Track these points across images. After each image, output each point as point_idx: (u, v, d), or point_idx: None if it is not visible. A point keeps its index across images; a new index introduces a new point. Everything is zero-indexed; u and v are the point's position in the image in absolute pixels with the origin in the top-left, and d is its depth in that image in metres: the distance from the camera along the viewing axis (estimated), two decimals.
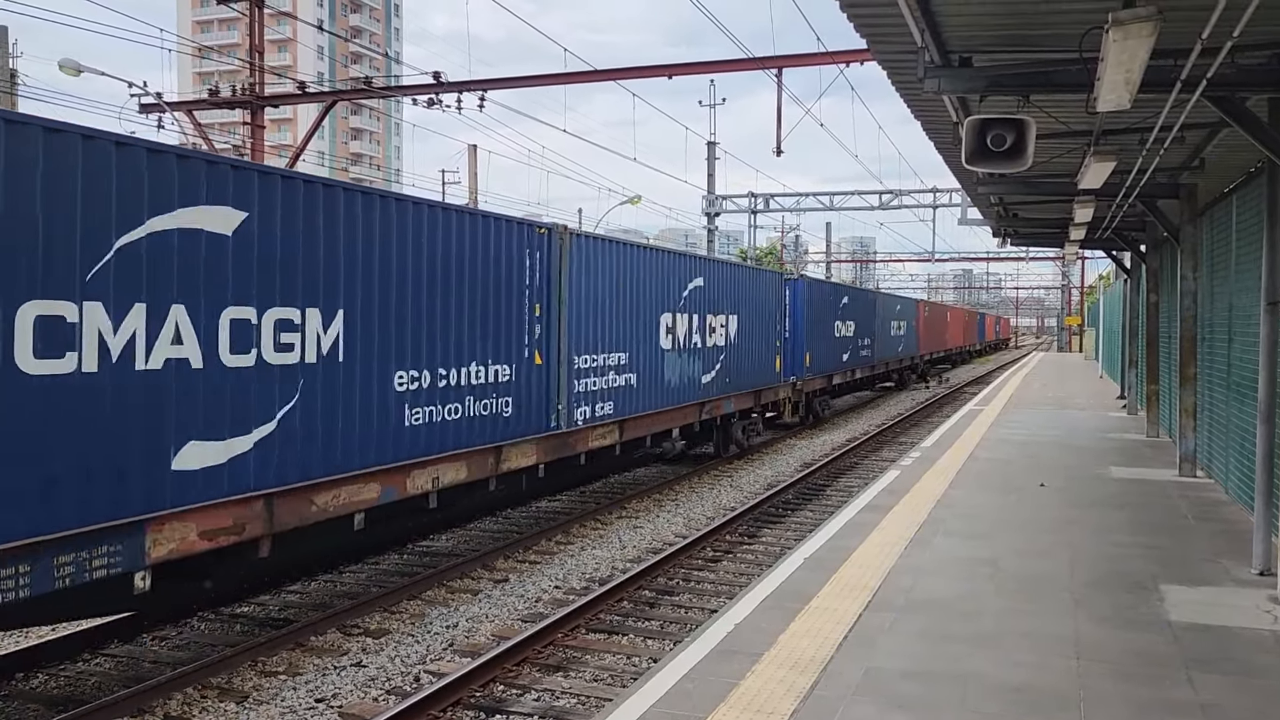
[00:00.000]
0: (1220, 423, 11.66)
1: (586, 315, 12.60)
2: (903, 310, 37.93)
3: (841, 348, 26.70)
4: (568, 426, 12.12)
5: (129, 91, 22.12)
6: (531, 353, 11.28)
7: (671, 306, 15.16)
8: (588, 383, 12.64)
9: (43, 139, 5.92)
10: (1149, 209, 14.01)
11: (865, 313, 29.63)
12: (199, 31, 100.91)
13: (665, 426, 15.13)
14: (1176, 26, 6.35)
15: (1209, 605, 7.13)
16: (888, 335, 33.76)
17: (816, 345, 23.80)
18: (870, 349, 30.34)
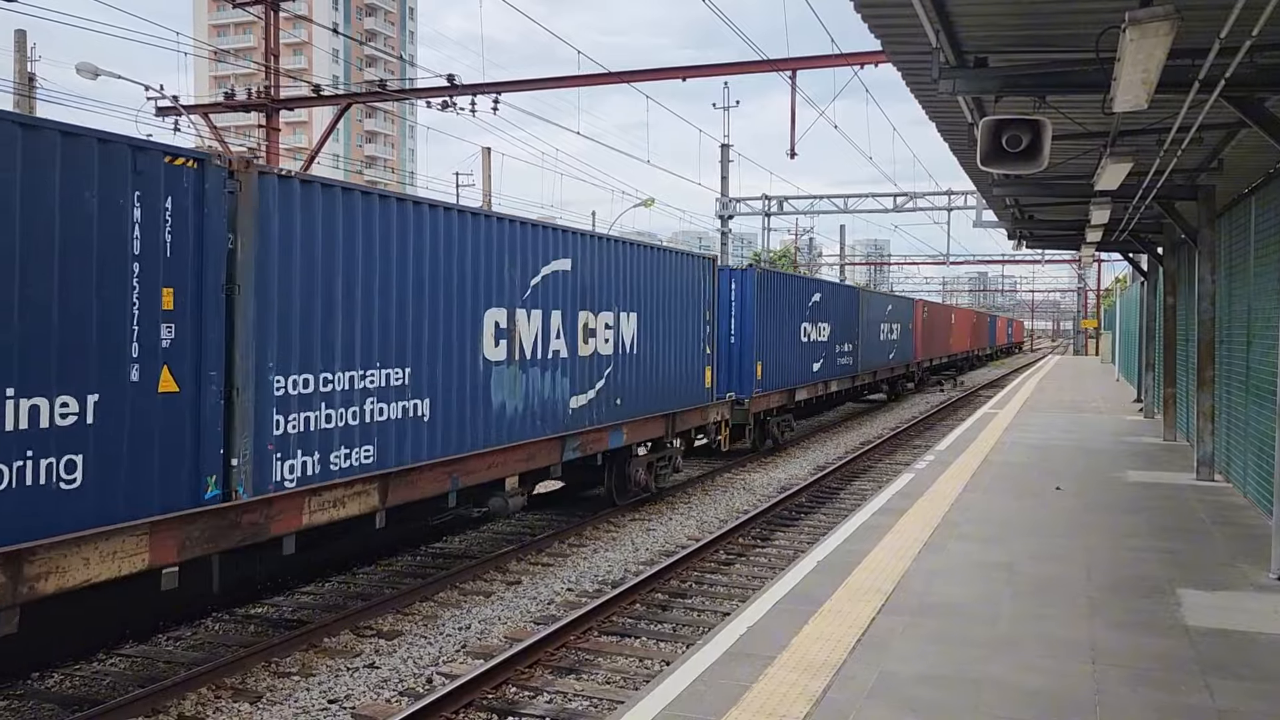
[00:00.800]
0: (1239, 426, 11.56)
1: (311, 309, 8.14)
2: (895, 311, 33.00)
3: (812, 355, 22.52)
4: (252, 494, 7.51)
5: (146, 94, 22.27)
6: (146, 372, 6.76)
7: (508, 300, 10.75)
8: (311, 418, 8.10)
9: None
10: (1166, 211, 13.91)
11: (845, 313, 25.69)
12: (215, 35, 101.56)
13: (492, 475, 10.51)
14: (1194, 26, 6.31)
15: (1227, 610, 7.06)
16: (875, 340, 29.54)
17: (774, 353, 19.73)
18: (852, 356, 26.46)
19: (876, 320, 29.77)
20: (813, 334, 22.65)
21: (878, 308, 30.45)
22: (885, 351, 31.01)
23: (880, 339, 30.27)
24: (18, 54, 22.26)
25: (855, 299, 27.36)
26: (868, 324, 28.35)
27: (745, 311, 18.54)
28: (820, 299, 23.44)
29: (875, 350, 29.48)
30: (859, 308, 27.36)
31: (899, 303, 34.32)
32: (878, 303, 30.95)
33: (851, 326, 26.39)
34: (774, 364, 19.75)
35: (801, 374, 21.79)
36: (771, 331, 19.59)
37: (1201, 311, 12.79)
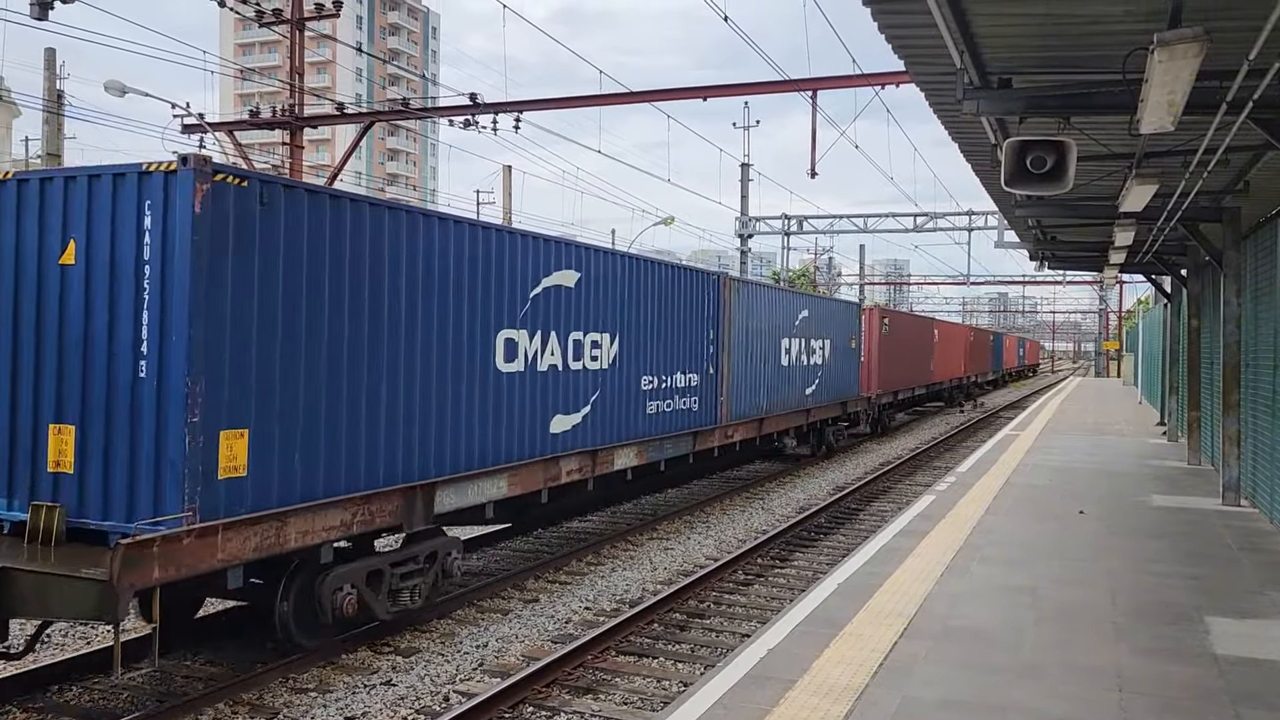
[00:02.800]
0: (1265, 451, 11.41)
1: None
2: (818, 320, 21.47)
3: (555, 398, 11.28)
4: None
5: (172, 112, 22.52)
6: None
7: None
8: None
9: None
10: (1191, 233, 13.80)
11: (672, 318, 14.32)
12: (241, 54, 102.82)
13: None
14: (1222, 48, 6.28)
15: (1256, 638, 6.94)
16: (770, 364, 18.43)
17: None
18: (699, 395, 15.22)
19: (771, 332, 18.51)
20: (576, 355, 11.70)
21: (773, 312, 18.67)
22: (797, 383, 20.02)
23: (784, 363, 19.26)
24: (47, 72, 22.57)
25: (706, 292, 15.51)
26: (747, 337, 17.25)
27: None
28: (585, 288, 11.87)
29: (771, 381, 18.48)
30: (717, 310, 15.88)
31: (825, 309, 22.44)
32: (773, 305, 18.71)
33: (695, 344, 15.04)
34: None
35: (529, 442, 10.70)
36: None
37: (1227, 334, 12.66)
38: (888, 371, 28.31)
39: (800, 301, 20.70)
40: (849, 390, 24.18)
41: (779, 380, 18.98)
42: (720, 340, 16.02)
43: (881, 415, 28.80)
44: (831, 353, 22.46)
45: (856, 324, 25.18)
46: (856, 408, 24.99)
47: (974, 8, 6.32)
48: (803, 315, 20.50)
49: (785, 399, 19.39)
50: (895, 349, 29.31)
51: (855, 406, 24.88)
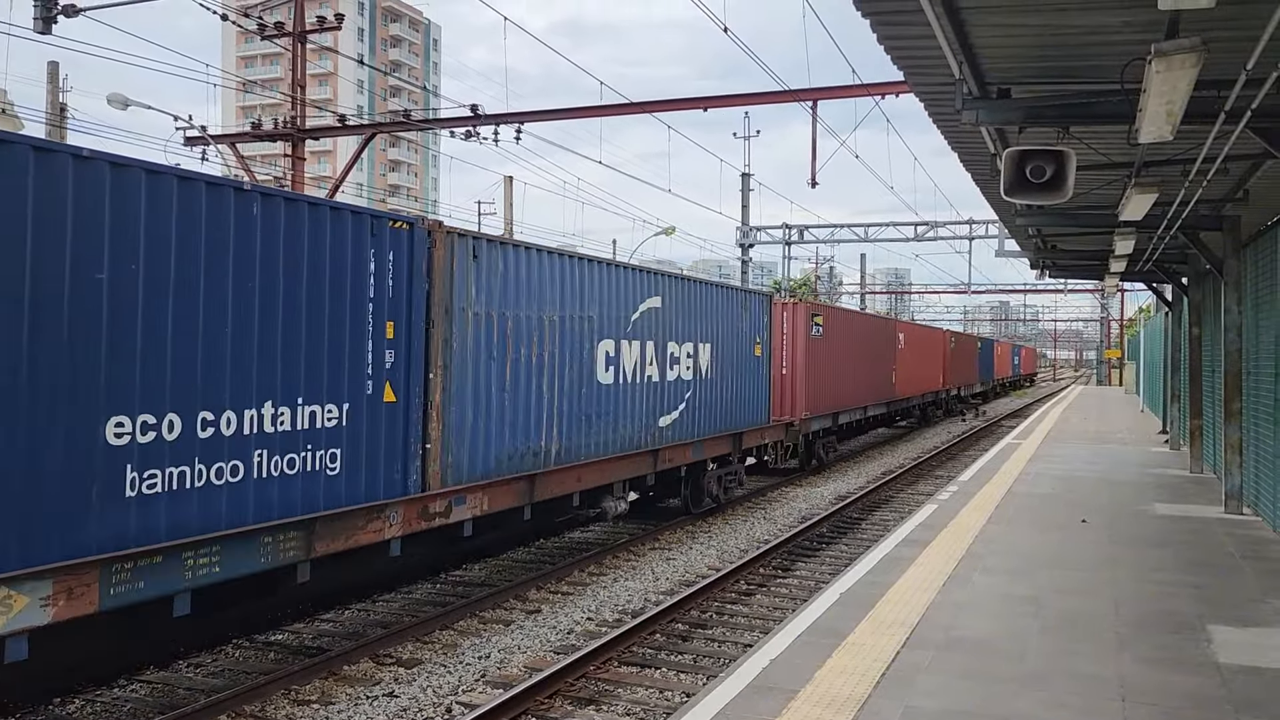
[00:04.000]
0: (1268, 459, 11.40)
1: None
2: (700, 318, 15.46)
3: None
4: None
5: (175, 124, 22.62)
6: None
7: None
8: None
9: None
10: (1191, 241, 13.82)
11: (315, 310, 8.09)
12: (243, 66, 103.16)
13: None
14: (1220, 57, 6.30)
15: (1259, 647, 6.93)
16: (585, 384, 12.20)
17: None
18: (348, 439, 8.43)
19: (571, 329, 11.91)
20: None
21: (572, 294, 11.96)
22: (636, 411, 13.37)
23: (604, 380, 12.59)
24: (50, 85, 22.67)
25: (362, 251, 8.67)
26: (495, 336, 10.54)
27: None
28: None
29: (564, 410, 11.73)
30: (409, 287, 9.20)
31: (697, 300, 15.33)
32: (571, 283, 11.96)
33: (330, 356, 8.35)
34: None
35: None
36: None
37: (1228, 342, 12.66)
38: (822, 387, 21.72)
39: (643, 284, 13.41)
40: (749, 416, 17.21)
41: (589, 407, 12.03)
42: (410, 341, 9.17)
43: (814, 446, 21.92)
44: (714, 364, 15.72)
45: (763, 322, 17.97)
46: (764, 440, 17.90)
47: (972, 19, 6.35)
48: (648, 306, 13.48)
49: (604, 437, 12.39)
50: (834, 358, 22.49)
51: (763, 438, 17.74)
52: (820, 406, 21.66)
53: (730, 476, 16.83)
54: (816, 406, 21.36)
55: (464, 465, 9.93)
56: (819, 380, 21.53)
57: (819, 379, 21.53)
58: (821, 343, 21.73)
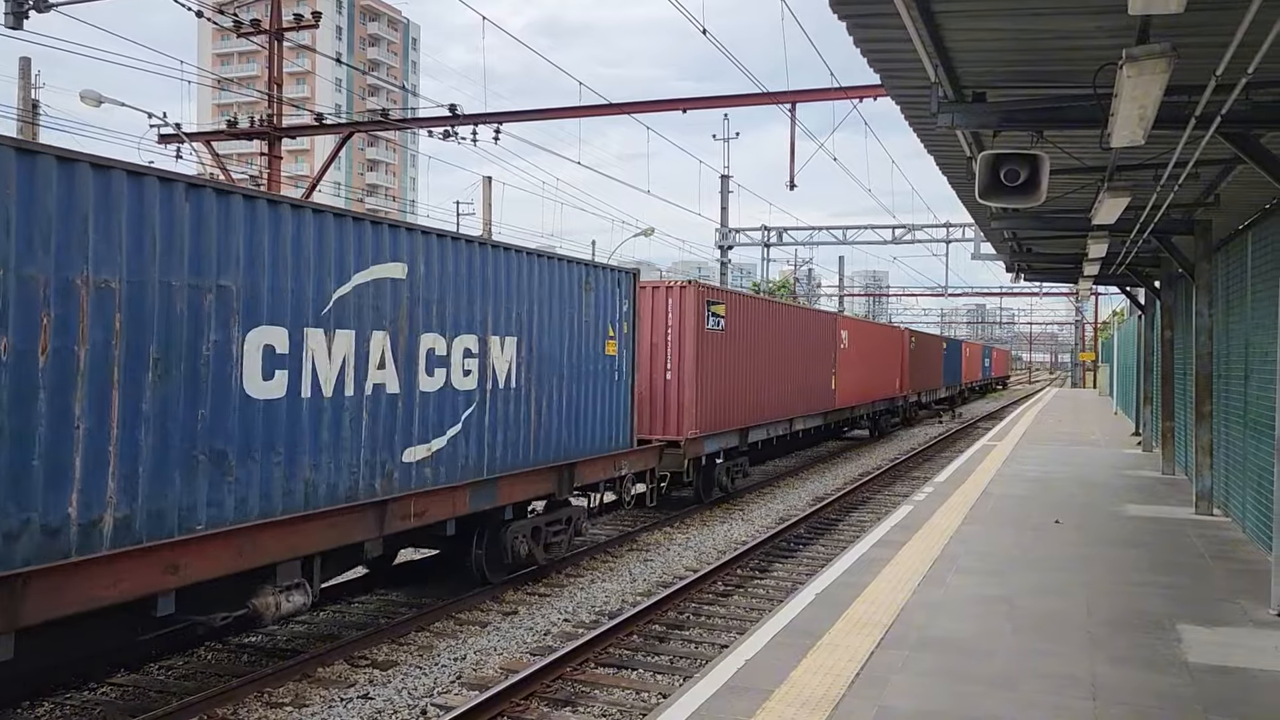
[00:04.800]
0: (1237, 460, 11.54)
1: None
2: (499, 293, 10.76)
3: None
4: None
5: (149, 122, 22.40)
6: None
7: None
8: None
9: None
10: (1163, 245, 13.98)
11: None
12: (219, 64, 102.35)
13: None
14: (1190, 63, 6.37)
15: (1227, 646, 7.01)
16: (231, 407, 7.42)
17: None
18: None
19: (197, 307, 7.18)
20: None
21: (201, 233, 7.20)
22: (337, 442, 8.49)
23: (307, 392, 8.17)
24: (22, 81, 22.40)
25: None
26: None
27: None
28: None
29: (139, 440, 6.72)
30: None
31: (489, 268, 10.63)
32: (205, 219, 7.23)
33: None
34: None
35: None
36: None
37: (1199, 345, 12.81)
38: (725, 397, 17.16)
39: (363, 242, 8.89)
40: (593, 438, 12.65)
41: (219, 439, 7.40)
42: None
43: (714, 472, 17.34)
44: (524, 366, 11.20)
45: (621, 309, 13.36)
46: (619, 470, 13.17)
47: (948, 23, 6.39)
48: (373, 278, 9.01)
49: (256, 489, 7.73)
50: (743, 359, 18.07)
51: (615, 469, 13.09)
52: (721, 421, 17.01)
53: (556, 527, 11.80)
54: (715, 421, 16.75)
55: None
56: (720, 388, 16.94)
57: (720, 386, 16.95)
58: (723, 339, 17.09)
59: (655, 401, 15.82)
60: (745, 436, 18.45)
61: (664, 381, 15.94)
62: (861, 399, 27.95)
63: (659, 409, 15.87)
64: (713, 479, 17.47)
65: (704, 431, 16.26)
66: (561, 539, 12.04)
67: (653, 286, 15.84)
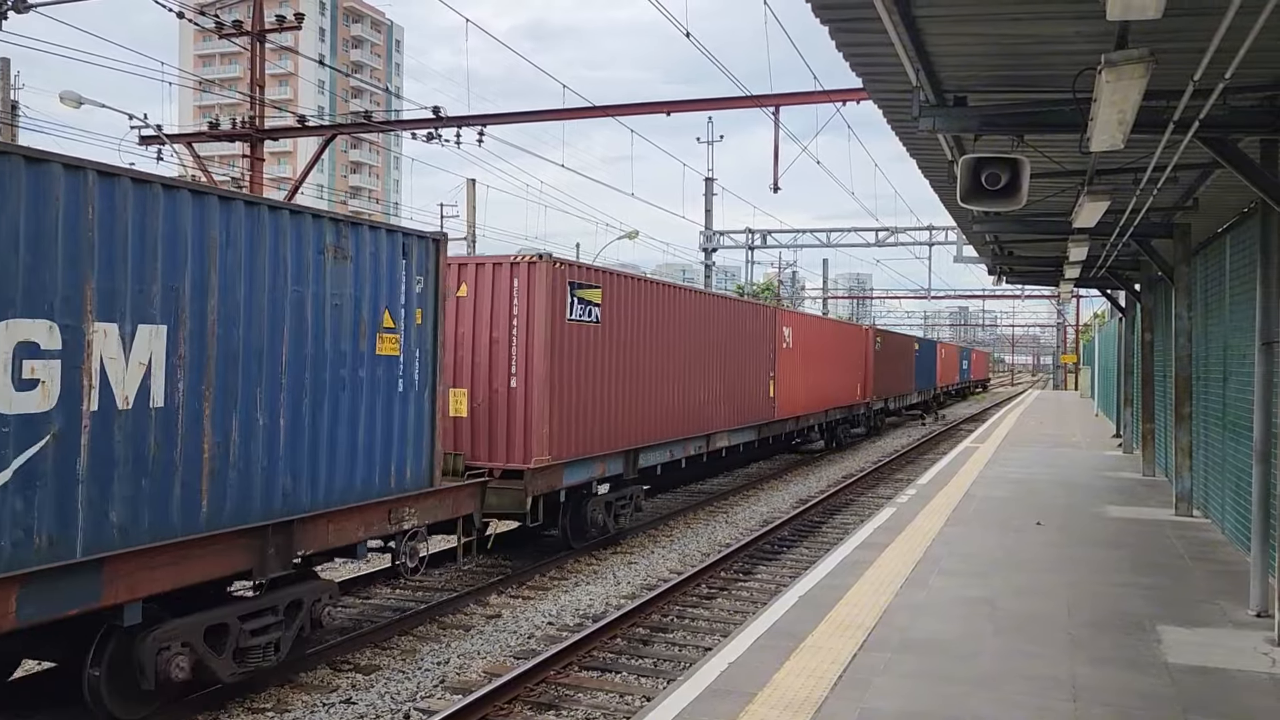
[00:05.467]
0: (1216, 462, 11.64)
1: None
2: (192, 246, 7.09)
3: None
4: None
5: (129, 124, 22.26)
6: None
7: None
8: None
9: None
10: (1143, 248, 14.08)
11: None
12: (201, 65, 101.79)
13: None
14: (1169, 68, 6.42)
15: (1207, 647, 7.07)
16: None
17: None
18: None
19: None
20: None
21: None
22: None
23: None
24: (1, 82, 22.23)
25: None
26: None
27: None
28: None
29: None
30: None
31: (109, 203, 6.51)
32: None
33: None
34: None
35: None
36: None
37: (1178, 348, 12.92)
38: (601, 410, 13.45)
39: None
40: (359, 479, 8.88)
41: None
42: None
43: (585, 508, 13.29)
44: (192, 373, 7.25)
45: (410, 289, 9.62)
46: (408, 521, 9.35)
47: (929, 27, 6.42)
48: None
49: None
50: (631, 361, 14.30)
51: (402, 519, 9.27)
52: (595, 441, 13.20)
53: (265, 622, 7.78)
54: (585, 441, 12.99)
55: None
56: (592, 397, 13.12)
57: (592, 395, 13.17)
58: (597, 334, 13.27)
59: (496, 418, 12.01)
60: (634, 461, 14.40)
61: (507, 390, 11.99)
62: (812, 407, 24.53)
63: (500, 428, 12.04)
64: (585, 518, 13.25)
65: (565, 456, 12.43)
66: (268, 642, 7.75)
67: (493, 263, 12.21)
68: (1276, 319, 7.64)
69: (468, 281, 12.24)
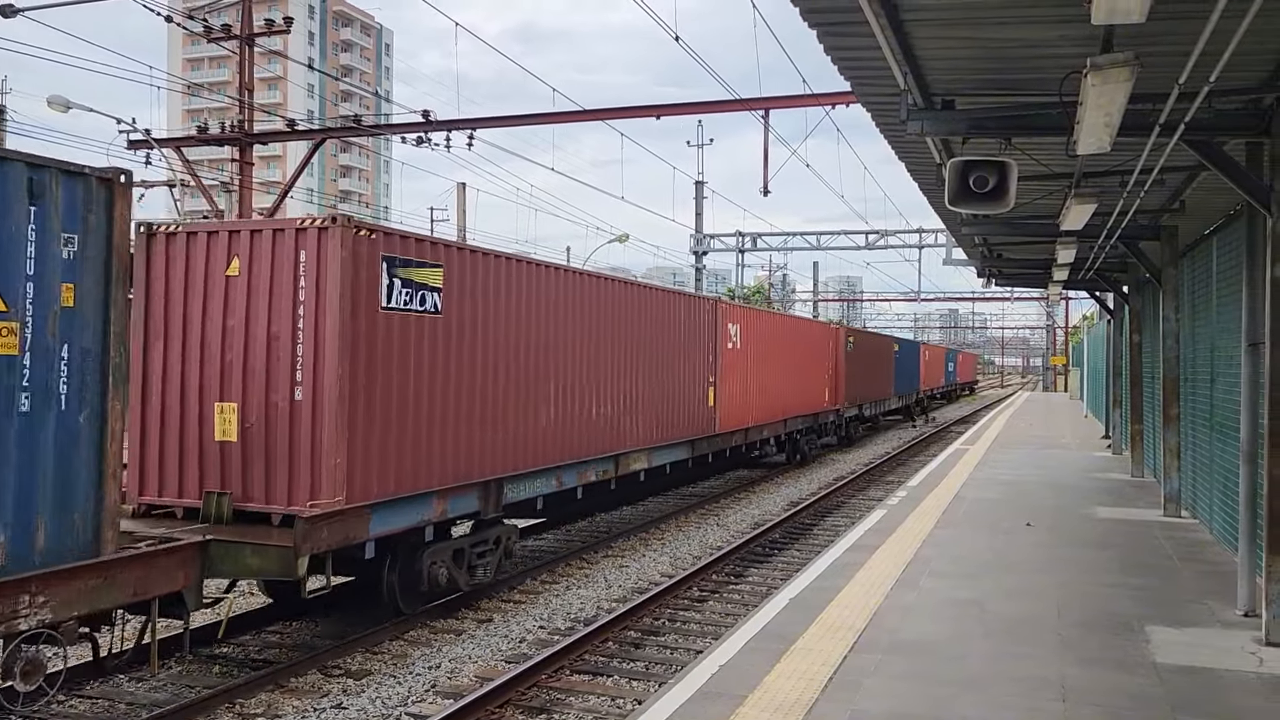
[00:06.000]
0: (1204, 463, 11.70)
1: None
2: None
3: None
4: None
5: (118, 128, 22.18)
6: None
7: None
8: None
9: None
10: (1131, 250, 14.15)
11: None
12: (189, 69, 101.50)
13: None
14: (1154, 72, 6.46)
15: (1195, 647, 7.10)
16: None
17: None
18: None
19: None
20: None
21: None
22: None
23: None
24: None
25: None
26: None
27: None
28: None
29: None
30: None
31: None
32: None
33: None
34: None
35: None
36: None
37: (1166, 349, 12.98)
38: (442, 428, 10.12)
39: None
40: None
41: None
42: None
43: (420, 565, 10.05)
44: None
45: (56, 254, 6.76)
46: (25, 612, 6.53)
47: (916, 31, 6.46)
48: None
49: None
50: (490, 363, 11.01)
51: (18, 610, 6.46)
52: (433, 473, 9.93)
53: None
54: (416, 474, 9.75)
55: None
56: (429, 414, 9.89)
57: (427, 411, 9.92)
58: (438, 328, 10.09)
59: (274, 444, 8.83)
60: (497, 495, 11.04)
61: (290, 405, 8.82)
62: (767, 416, 21.32)
63: (279, 458, 8.82)
64: (419, 573, 10.02)
65: (376, 495, 9.13)
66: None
67: (273, 229, 9.01)
68: (1262, 320, 7.68)
69: (240, 255, 9.04)
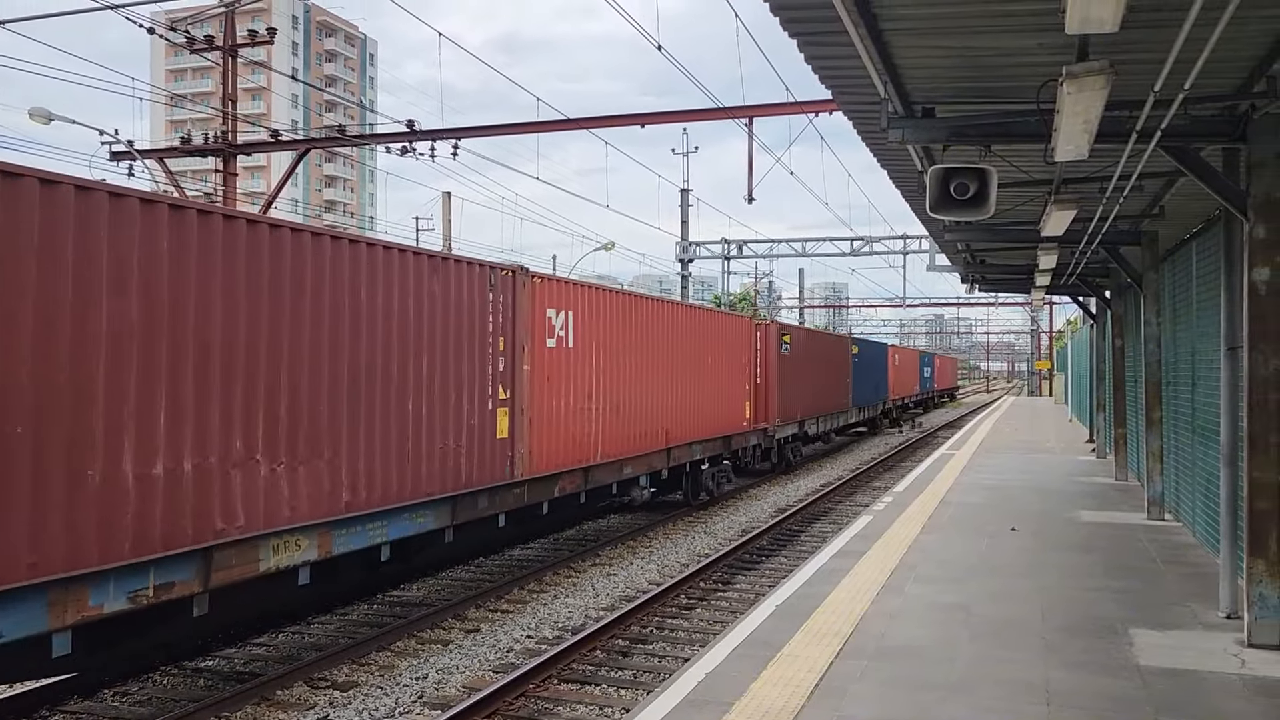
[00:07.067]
0: (1186, 466, 11.79)
1: None
2: None
3: None
4: None
5: (100, 139, 22.08)
6: None
7: None
8: None
9: None
10: (1112, 255, 14.26)
11: None
12: (172, 80, 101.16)
13: None
14: (1130, 79, 6.54)
15: (1178, 649, 7.15)
16: None
17: None
18: None
19: None
20: None
21: None
22: None
23: None
24: None
25: None
26: None
27: None
28: None
29: None
30: None
31: None
32: None
33: None
34: None
35: None
36: None
37: (1148, 354, 13.08)
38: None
39: None
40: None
41: None
42: None
43: None
44: None
45: None
46: None
47: (895, 40, 6.51)
48: None
49: None
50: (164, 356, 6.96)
51: None
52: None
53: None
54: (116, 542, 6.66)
55: None
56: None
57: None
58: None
59: None
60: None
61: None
62: (627, 448, 14.95)
63: None
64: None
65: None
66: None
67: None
68: (1241, 324, 7.75)
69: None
